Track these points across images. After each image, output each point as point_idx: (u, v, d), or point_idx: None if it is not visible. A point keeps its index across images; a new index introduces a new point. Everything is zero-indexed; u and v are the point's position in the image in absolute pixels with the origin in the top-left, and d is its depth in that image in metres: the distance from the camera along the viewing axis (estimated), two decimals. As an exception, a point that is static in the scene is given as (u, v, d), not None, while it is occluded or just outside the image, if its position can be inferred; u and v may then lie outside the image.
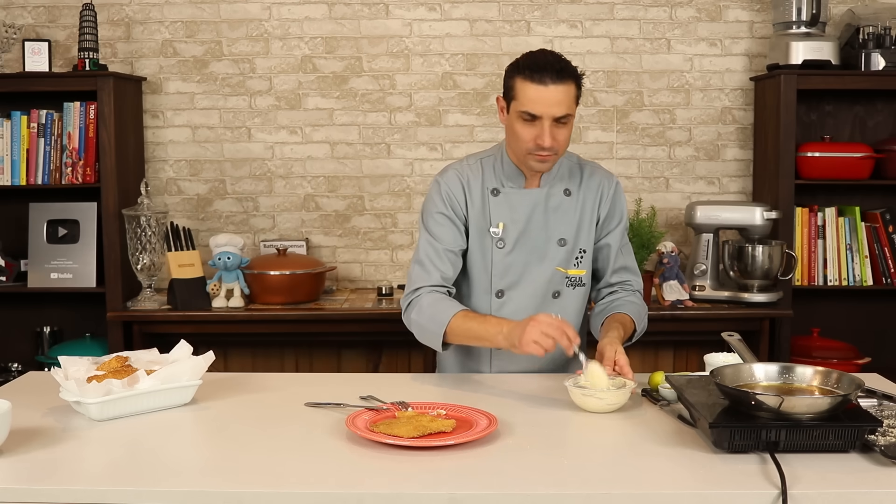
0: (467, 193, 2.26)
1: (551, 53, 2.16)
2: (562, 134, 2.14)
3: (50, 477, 1.58)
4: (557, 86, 2.09)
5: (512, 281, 2.26)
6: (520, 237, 2.25)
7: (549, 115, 2.10)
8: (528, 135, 2.13)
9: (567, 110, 2.11)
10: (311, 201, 3.82)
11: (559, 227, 2.26)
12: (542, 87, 2.09)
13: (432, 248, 2.24)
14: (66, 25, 3.73)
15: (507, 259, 2.25)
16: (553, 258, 2.26)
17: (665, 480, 1.57)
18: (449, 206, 2.25)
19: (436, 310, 2.17)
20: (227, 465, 1.64)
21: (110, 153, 3.45)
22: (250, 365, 3.72)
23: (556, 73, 2.09)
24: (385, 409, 1.88)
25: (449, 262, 2.23)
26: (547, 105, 2.09)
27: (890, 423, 1.74)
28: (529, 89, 2.10)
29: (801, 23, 3.50)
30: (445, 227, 2.25)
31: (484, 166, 2.29)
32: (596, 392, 1.91)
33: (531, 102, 2.10)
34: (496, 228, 2.24)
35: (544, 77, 2.08)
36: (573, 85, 2.13)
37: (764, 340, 3.35)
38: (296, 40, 3.75)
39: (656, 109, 3.78)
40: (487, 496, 1.51)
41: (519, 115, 2.13)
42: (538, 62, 2.11)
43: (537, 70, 2.09)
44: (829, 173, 3.52)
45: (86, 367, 1.96)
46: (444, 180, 2.28)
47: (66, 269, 3.55)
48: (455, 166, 2.31)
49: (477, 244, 2.26)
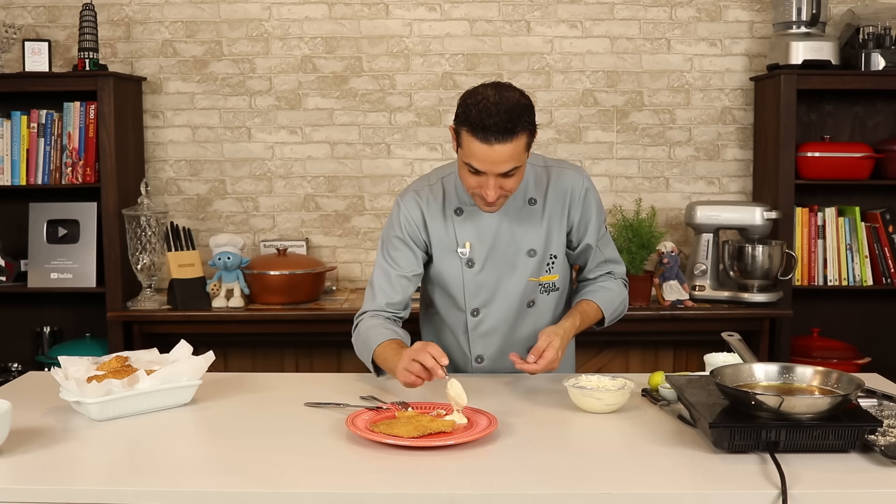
0: (426, 217, 2.21)
1: (503, 101, 1.97)
2: (509, 183, 2.05)
3: (50, 477, 1.58)
4: (504, 144, 1.96)
5: (486, 298, 2.23)
6: (489, 254, 2.21)
7: (493, 171, 2.00)
8: (473, 182, 2.05)
9: (514, 164, 2.00)
10: (311, 201, 3.82)
11: (527, 238, 2.21)
12: (487, 147, 1.96)
13: (383, 272, 2.22)
14: (66, 25, 3.73)
15: (478, 278, 2.22)
16: (524, 269, 2.22)
17: (665, 480, 1.57)
18: (406, 231, 2.21)
19: (367, 336, 2.16)
20: (227, 465, 1.64)
21: (110, 153, 3.45)
22: (250, 365, 3.72)
23: (502, 132, 1.95)
24: (385, 409, 1.88)
25: (399, 287, 2.21)
26: (491, 163, 1.98)
27: (890, 423, 1.74)
28: (474, 145, 1.97)
29: (801, 23, 3.50)
30: (401, 252, 2.22)
31: (445, 185, 2.22)
32: (595, 392, 1.91)
33: (475, 159, 1.99)
34: (463, 249, 2.20)
35: (489, 136, 1.95)
36: (523, 137, 1.99)
37: (764, 340, 3.35)
38: (296, 40, 3.75)
39: (656, 109, 3.78)
40: (487, 496, 1.51)
41: (466, 162, 2.03)
42: (484, 119, 1.94)
43: (482, 129, 1.95)
44: (829, 173, 3.52)
45: (86, 367, 1.96)
46: (404, 203, 2.23)
47: (66, 269, 3.55)
48: (415, 187, 2.25)
49: (446, 265, 2.23)
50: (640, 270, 3.38)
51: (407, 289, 2.23)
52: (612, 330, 3.38)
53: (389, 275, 2.22)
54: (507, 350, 2.23)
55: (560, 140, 3.76)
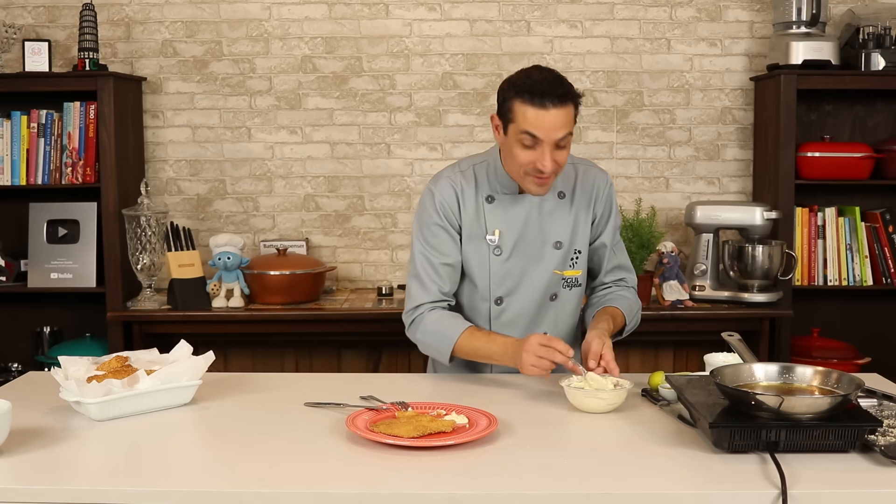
0: (461, 202, 2.22)
1: (549, 73, 2.10)
2: (561, 155, 2.10)
3: (50, 477, 1.58)
4: (559, 109, 2.04)
5: (510, 287, 2.25)
6: (517, 243, 2.23)
7: (550, 139, 2.05)
8: (527, 157, 2.08)
9: (567, 130, 2.07)
10: (311, 201, 3.82)
11: (554, 230, 2.24)
12: (544, 112, 2.03)
13: (428, 262, 2.22)
14: (66, 25, 3.73)
15: (504, 266, 2.23)
16: (549, 261, 2.25)
17: (665, 480, 1.57)
18: (443, 217, 2.22)
19: (442, 327, 2.18)
20: (227, 465, 1.64)
21: (110, 153, 3.45)
22: (250, 365, 3.72)
23: (558, 97, 2.04)
24: (385, 409, 1.88)
25: (446, 275, 2.22)
26: (548, 129, 2.04)
27: (890, 423, 1.74)
28: (530, 112, 2.04)
29: (801, 23, 3.50)
30: (441, 238, 2.22)
31: (477, 173, 2.24)
32: (595, 392, 1.91)
33: (532, 126, 2.05)
34: (492, 236, 2.22)
35: (545, 101, 2.03)
36: (572, 106, 2.07)
37: (764, 340, 3.35)
38: (296, 40, 3.75)
39: (656, 109, 3.78)
40: (487, 496, 1.51)
41: (518, 137, 2.08)
42: (539, 85, 2.05)
43: (538, 94, 2.04)
44: (829, 173, 3.52)
45: (86, 367, 1.95)
46: (438, 189, 2.23)
47: (66, 269, 3.55)
48: (447, 174, 2.27)
49: (473, 252, 2.24)
50: (640, 270, 3.38)
51: (452, 276, 2.23)
52: (611, 330, 3.41)
53: (434, 264, 2.21)
54: None
55: (560, 140, 3.76)
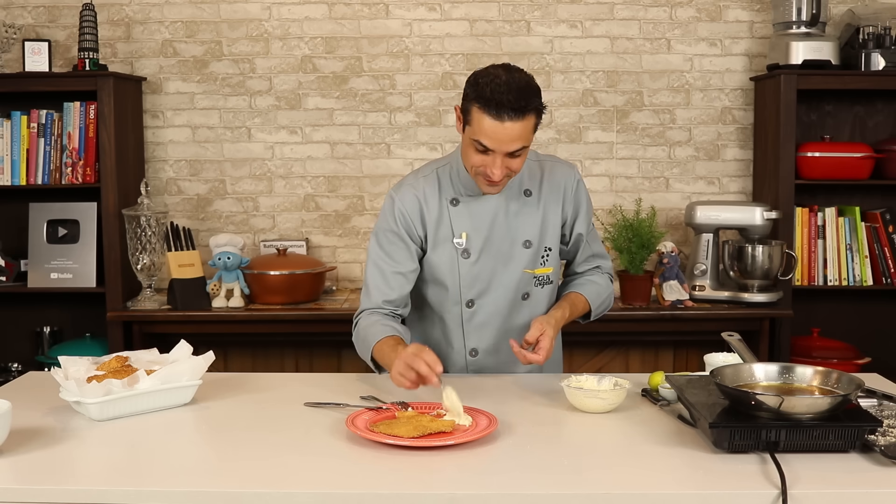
0: (424, 209, 2.19)
1: (514, 81, 1.99)
2: (515, 163, 2.05)
3: (50, 477, 1.58)
4: (515, 122, 1.97)
5: (481, 289, 2.23)
6: (484, 245, 2.20)
7: (501, 150, 2.00)
8: (479, 161, 2.05)
9: (522, 144, 2.01)
10: (311, 201, 3.82)
11: (523, 229, 2.22)
12: (499, 124, 1.97)
13: (378, 269, 2.20)
14: (66, 25, 3.73)
15: (473, 269, 2.21)
16: (519, 261, 2.22)
17: (665, 480, 1.57)
18: (402, 226, 2.19)
19: (366, 334, 2.16)
20: (227, 465, 1.64)
21: (110, 153, 3.45)
22: (250, 365, 3.72)
23: (514, 110, 1.96)
24: (385, 409, 1.88)
25: (396, 284, 2.19)
26: (501, 141, 1.99)
27: (890, 423, 1.74)
28: (485, 122, 1.98)
29: (801, 23, 3.50)
30: (396, 247, 2.19)
31: (440, 176, 2.21)
32: (595, 392, 1.91)
33: (485, 136, 1.99)
34: (459, 239, 2.19)
35: (501, 113, 1.96)
36: (532, 117, 2.00)
37: (764, 340, 3.35)
38: (296, 40, 3.75)
39: (656, 109, 3.78)
40: (487, 496, 1.51)
41: (472, 142, 2.03)
42: (497, 96, 1.96)
43: (495, 105, 1.96)
44: (829, 173, 3.52)
45: (86, 367, 1.96)
46: (399, 197, 2.20)
47: (66, 269, 3.55)
48: (409, 181, 2.24)
49: (441, 257, 2.22)
50: (640, 270, 3.38)
51: (403, 286, 2.20)
52: (612, 330, 3.42)
53: (384, 271, 2.19)
54: (501, 343, 2.23)
55: (560, 140, 3.76)
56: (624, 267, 3.41)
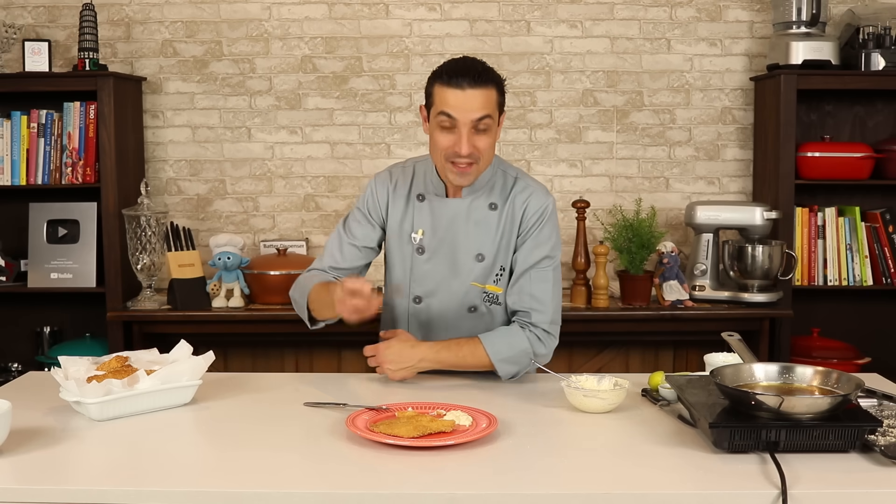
0: (390, 198, 2.28)
1: (472, 59, 2.14)
2: (482, 141, 2.08)
3: (50, 477, 1.58)
4: (476, 90, 2.06)
5: (429, 289, 2.25)
6: (438, 247, 2.23)
7: (466, 119, 2.05)
8: (446, 142, 2.09)
9: (486, 112, 2.07)
10: (311, 201, 3.82)
11: (478, 241, 2.21)
12: (460, 91, 2.05)
13: (338, 238, 2.32)
14: (66, 25, 3.73)
15: (424, 266, 2.24)
16: (469, 273, 2.21)
17: (665, 480, 1.57)
18: (368, 208, 2.31)
19: (304, 283, 2.28)
20: (227, 465, 1.64)
21: (110, 153, 3.45)
22: (250, 365, 3.72)
23: (474, 77, 2.06)
24: (385, 410, 1.88)
25: (348, 254, 2.30)
26: (464, 109, 2.05)
27: (890, 423, 1.74)
28: (447, 93, 2.07)
29: (801, 23, 3.50)
30: (359, 224, 2.31)
31: (416, 171, 2.30)
32: (595, 392, 1.91)
33: (448, 106, 2.06)
34: (416, 234, 2.25)
35: (461, 81, 2.05)
36: (493, 89, 2.09)
37: (764, 340, 3.35)
38: (296, 40, 3.75)
39: (656, 109, 3.78)
40: (487, 496, 1.51)
41: (437, 120, 2.09)
42: (457, 67, 2.09)
43: (454, 75, 2.07)
44: (829, 173, 3.52)
45: (86, 367, 1.96)
46: (376, 182, 2.33)
47: (66, 269, 3.55)
48: (391, 168, 2.35)
49: (397, 248, 2.28)
50: (640, 270, 3.38)
51: (356, 258, 2.30)
52: (612, 330, 3.42)
53: (342, 241, 2.31)
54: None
55: (560, 140, 3.76)
56: (624, 267, 3.41)
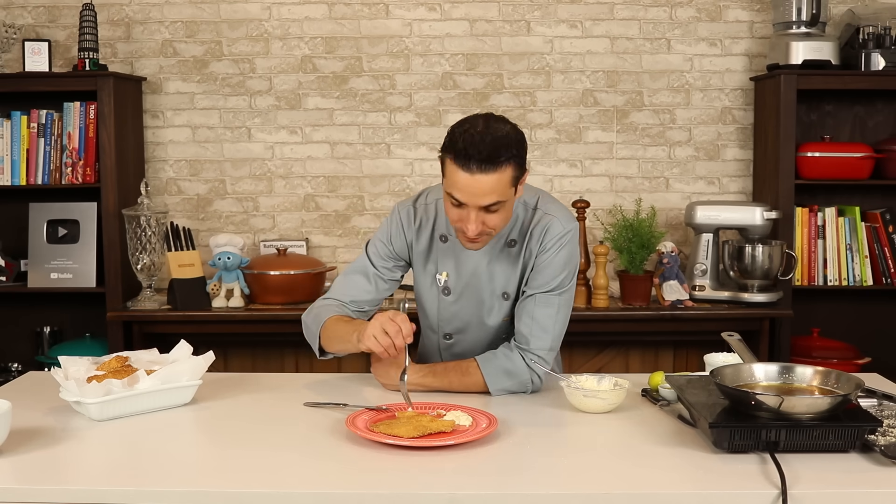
0: (416, 236, 2.18)
1: (490, 130, 1.90)
2: (493, 219, 1.96)
3: (50, 477, 1.58)
4: (486, 175, 1.88)
5: (459, 327, 2.20)
6: (464, 289, 2.16)
7: (474, 203, 1.92)
8: (455, 216, 1.98)
9: (496, 198, 1.91)
10: (311, 201, 3.82)
11: (501, 280, 2.13)
12: (469, 176, 1.88)
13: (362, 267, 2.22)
14: (66, 25, 3.73)
15: (452, 308, 2.18)
16: (499, 311, 2.16)
17: (665, 480, 1.57)
18: (392, 242, 2.20)
19: (319, 311, 2.18)
20: (227, 465, 1.64)
21: (110, 153, 3.45)
22: (250, 365, 3.72)
23: (485, 161, 1.87)
24: (385, 410, 1.88)
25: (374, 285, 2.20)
26: (472, 195, 1.90)
27: (890, 423, 1.74)
28: (456, 174, 1.90)
29: (801, 23, 3.50)
30: (382, 257, 2.21)
31: (438, 209, 2.17)
32: (595, 392, 1.91)
33: (456, 189, 1.92)
34: (440, 276, 2.17)
35: (471, 165, 1.87)
36: (508, 169, 1.90)
37: (764, 340, 3.35)
38: (296, 40, 3.75)
39: (656, 109, 3.78)
40: (487, 496, 1.51)
41: (447, 194, 1.96)
42: (468, 147, 1.88)
43: (464, 157, 1.88)
44: (829, 173, 3.52)
45: (86, 367, 1.96)
46: (403, 215, 2.20)
47: (66, 269, 3.54)
48: (416, 202, 2.21)
49: (425, 286, 2.21)
50: (640, 270, 3.38)
51: (381, 289, 2.21)
52: (612, 330, 3.43)
53: (367, 274, 2.21)
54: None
55: (560, 140, 3.76)
56: (624, 267, 3.41)
